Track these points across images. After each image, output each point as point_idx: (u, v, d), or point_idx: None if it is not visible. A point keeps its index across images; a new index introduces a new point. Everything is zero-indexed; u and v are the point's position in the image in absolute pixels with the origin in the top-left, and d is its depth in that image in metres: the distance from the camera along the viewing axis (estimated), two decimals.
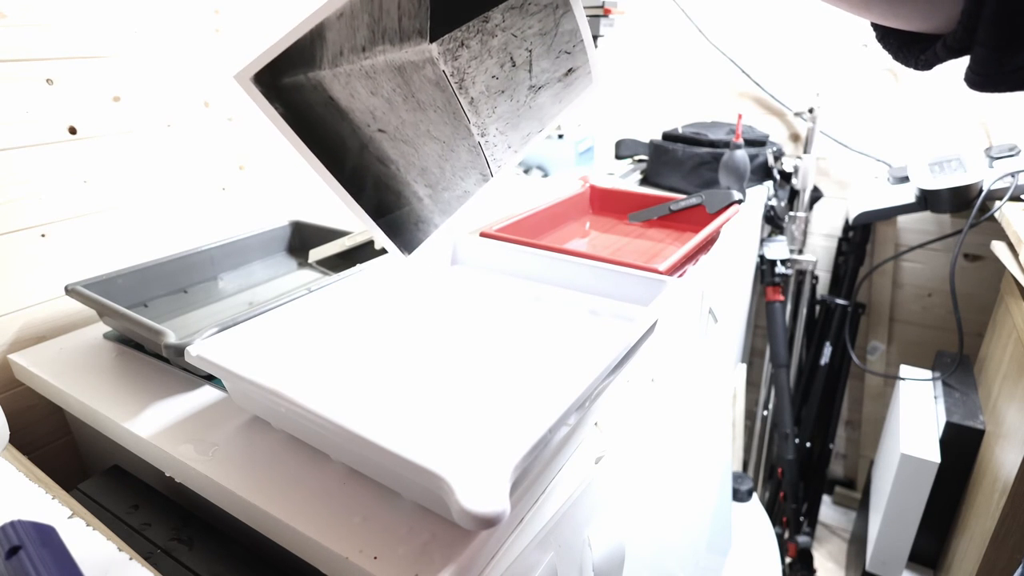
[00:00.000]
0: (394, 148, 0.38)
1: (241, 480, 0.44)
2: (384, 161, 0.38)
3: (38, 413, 0.67)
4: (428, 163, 0.40)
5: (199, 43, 0.77)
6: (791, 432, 1.46)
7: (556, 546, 0.46)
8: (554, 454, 0.47)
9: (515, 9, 0.37)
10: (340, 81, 0.35)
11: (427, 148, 0.40)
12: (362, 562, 0.37)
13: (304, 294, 0.60)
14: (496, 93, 0.40)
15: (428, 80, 0.37)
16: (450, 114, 0.39)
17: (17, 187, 0.64)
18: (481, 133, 0.41)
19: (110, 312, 0.59)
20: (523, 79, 0.40)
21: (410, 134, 0.38)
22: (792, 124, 1.57)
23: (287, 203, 0.92)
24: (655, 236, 0.95)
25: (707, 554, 0.93)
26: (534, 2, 0.38)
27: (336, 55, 0.35)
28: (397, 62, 0.36)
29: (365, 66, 0.35)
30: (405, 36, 0.35)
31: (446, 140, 0.40)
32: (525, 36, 0.38)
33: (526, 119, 0.42)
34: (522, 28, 0.38)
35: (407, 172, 0.40)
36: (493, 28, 0.37)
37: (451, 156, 0.41)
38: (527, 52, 0.39)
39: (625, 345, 0.50)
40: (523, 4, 0.37)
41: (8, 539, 0.35)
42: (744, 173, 1.09)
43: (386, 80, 0.36)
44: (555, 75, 0.41)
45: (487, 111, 0.40)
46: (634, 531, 0.61)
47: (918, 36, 0.33)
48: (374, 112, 0.37)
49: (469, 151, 0.41)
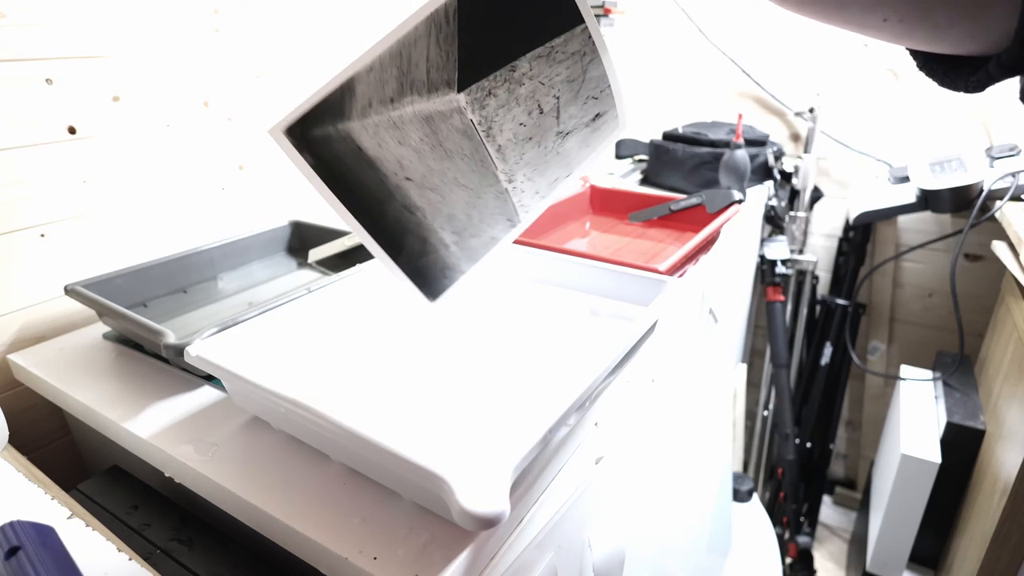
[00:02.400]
0: (421, 196, 0.39)
1: (241, 480, 0.44)
2: (411, 209, 0.39)
3: (37, 413, 0.67)
4: (455, 210, 0.40)
5: (199, 43, 0.77)
6: (791, 432, 1.46)
7: (556, 546, 0.46)
8: (554, 454, 0.47)
9: (542, 58, 0.38)
10: (368, 132, 0.36)
11: (454, 195, 0.40)
12: (362, 562, 0.37)
13: (304, 294, 0.60)
14: (524, 140, 0.40)
15: (456, 129, 0.38)
16: (477, 162, 0.39)
17: (17, 187, 0.64)
18: (509, 180, 0.41)
19: (110, 312, 0.59)
20: (551, 125, 0.40)
21: (437, 182, 0.39)
22: (792, 124, 1.57)
23: (287, 203, 0.92)
24: (655, 236, 0.95)
25: (707, 554, 0.93)
26: (561, 50, 0.38)
27: (365, 107, 0.36)
28: (425, 112, 0.37)
29: (393, 117, 0.36)
30: (433, 87, 0.36)
31: (473, 187, 0.40)
32: (553, 83, 0.39)
33: (554, 165, 0.42)
34: (549, 76, 0.39)
35: (433, 219, 0.40)
36: (520, 77, 0.38)
37: (478, 203, 0.41)
38: (555, 99, 0.40)
39: (625, 345, 0.50)
40: (550, 53, 0.38)
41: (8, 539, 0.35)
42: (744, 173, 1.09)
43: (414, 130, 0.37)
44: (583, 120, 0.41)
45: (515, 158, 0.40)
46: (634, 531, 0.61)
47: (965, 59, 0.31)
48: (402, 161, 0.37)
49: (496, 197, 0.41)
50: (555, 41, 0.38)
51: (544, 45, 0.38)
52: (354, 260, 0.73)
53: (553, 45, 0.38)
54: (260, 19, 0.83)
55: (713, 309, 0.93)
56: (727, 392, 1.31)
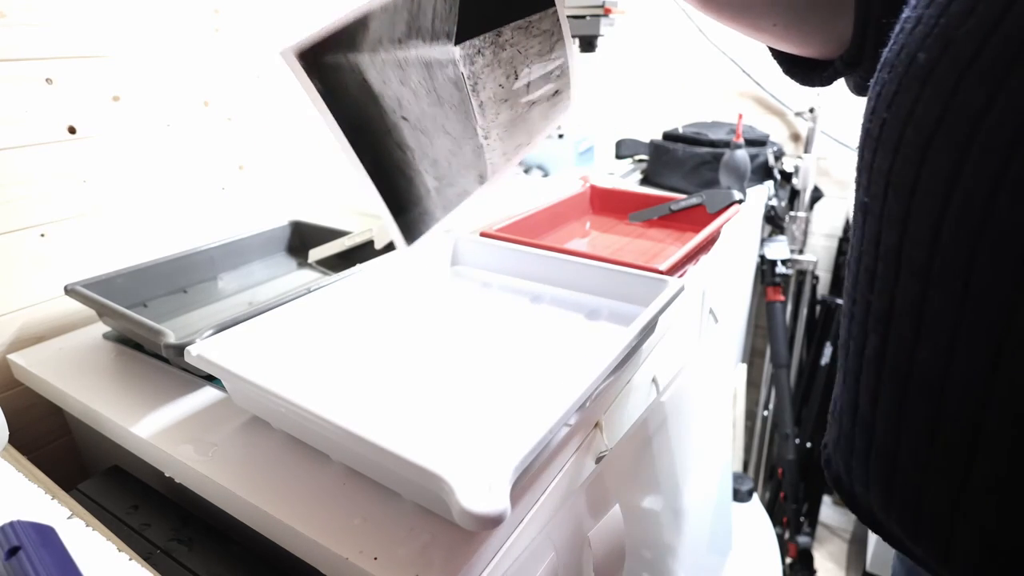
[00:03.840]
0: (413, 136, 0.41)
1: (241, 480, 0.44)
2: (403, 148, 0.40)
3: (37, 413, 0.67)
4: (439, 155, 0.42)
5: (199, 43, 0.77)
6: (791, 432, 1.46)
7: (556, 546, 0.46)
8: (554, 454, 0.47)
9: (522, 29, 0.43)
10: (376, 67, 0.38)
11: (440, 141, 0.42)
12: (362, 563, 0.37)
13: (304, 294, 0.60)
14: (500, 101, 0.44)
15: (449, 79, 0.41)
16: (463, 113, 0.42)
17: (17, 187, 0.64)
18: (485, 136, 0.44)
19: (110, 312, 0.59)
20: (522, 92, 0.45)
21: (428, 125, 0.41)
22: (793, 124, 1.57)
23: (287, 203, 0.92)
24: (655, 236, 0.95)
25: (707, 554, 0.93)
26: (536, 26, 0.43)
27: (376, 42, 0.37)
28: (426, 58, 0.39)
29: (399, 57, 0.38)
30: (436, 36, 0.39)
31: (456, 137, 0.43)
32: (528, 55, 0.44)
33: (521, 130, 0.46)
34: (526, 47, 0.43)
35: (420, 161, 0.42)
36: (504, 42, 0.42)
37: (459, 152, 0.43)
38: (528, 69, 0.44)
39: (625, 345, 0.50)
40: (528, 26, 0.43)
41: (8, 539, 0.35)
42: (744, 173, 1.09)
43: (415, 72, 0.39)
44: (546, 94, 0.47)
45: (492, 116, 0.44)
46: (634, 531, 0.61)
47: (818, 62, 0.42)
48: (401, 100, 0.39)
49: (474, 151, 0.44)
50: (532, 17, 0.43)
51: (524, 18, 0.43)
52: (354, 260, 0.73)
53: (531, 20, 0.43)
54: (260, 19, 0.83)
55: (713, 309, 0.93)
56: (727, 392, 1.31)
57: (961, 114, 0.21)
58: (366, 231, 0.78)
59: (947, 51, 0.22)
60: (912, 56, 0.24)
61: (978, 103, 0.21)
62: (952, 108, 0.22)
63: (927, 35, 0.23)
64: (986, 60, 0.21)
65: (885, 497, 0.29)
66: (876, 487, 0.29)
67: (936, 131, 0.22)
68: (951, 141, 0.22)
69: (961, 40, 0.21)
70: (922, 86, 0.23)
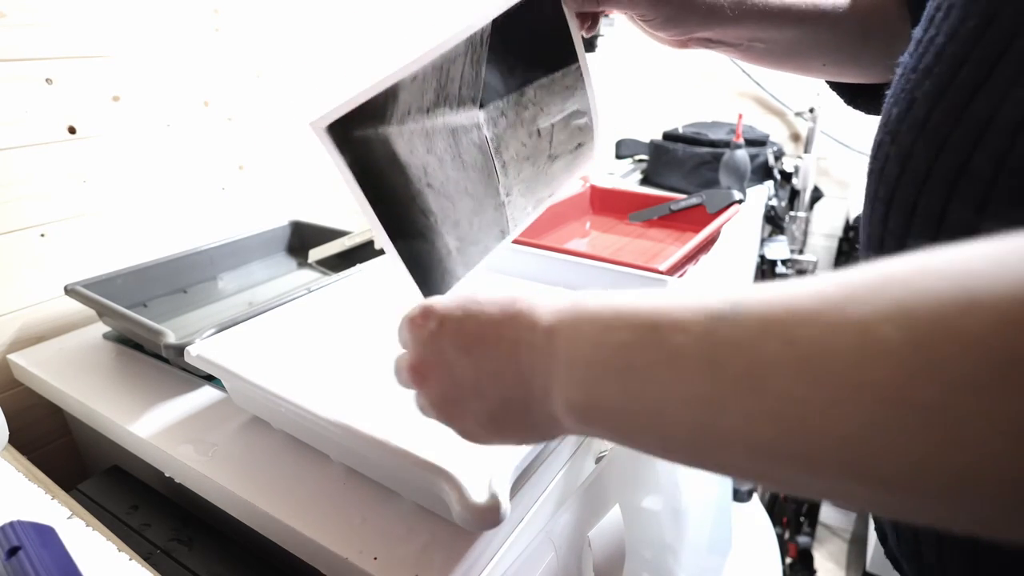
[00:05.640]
0: (436, 202, 0.41)
1: (241, 480, 0.44)
2: (426, 214, 0.41)
3: (37, 413, 0.67)
4: (461, 217, 0.43)
5: (199, 43, 0.77)
6: None
7: (556, 546, 0.46)
8: (554, 454, 0.47)
9: (544, 87, 0.44)
10: (404, 138, 0.39)
11: (462, 204, 0.43)
12: (362, 563, 0.37)
13: (304, 294, 0.60)
14: (523, 159, 0.45)
15: (473, 143, 0.42)
16: (485, 174, 0.43)
17: (17, 187, 0.64)
18: (507, 193, 0.45)
19: (110, 312, 0.59)
20: (544, 148, 0.46)
21: (452, 190, 0.42)
22: (792, 124, 1.57)
23: (287, 203, 0.92)
24: (655, 236, 0.95)
25: (707, 554, 0.93)
26: (559, 82, 0.45)
27: (404, 114, 0.38)
28: (452, 124, 0.41)
29: (427, 126, 0.39)
30: (462, 102, 0.41)
31: (479, 198, 0.44)
32: (550, 111, 0.45)
33: (542, 184, 0.47)
34: (548, 104, 0.45)
35: (443, 225, 0.42)
36: (526, 101, 0.44)
37: (480, 212, 0.44)
38: (550, 125, 0.46)
39: None
40: (551, 83, 0.45)
41: (8, 539, 0.35)
42: (744, 173, 1.09)
43: (440, 140, 0.40)
44: (568, 147, 0.48)
45: (514, 174, 0.45)
46: (634, 531, 0.61)
47: (865, 87, 0.45)
48: (427, 168, 0.40)
49: (495, 209, 0.45)
50: (555, 74, 0.45)
51: (547, 76, 0.44)
52: (354, 260, 0.73)
53: (554, 77, 0.45)
54: (260, 19, 0.83)
55: None
56: None
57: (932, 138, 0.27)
58: (366, 231, 0.78)
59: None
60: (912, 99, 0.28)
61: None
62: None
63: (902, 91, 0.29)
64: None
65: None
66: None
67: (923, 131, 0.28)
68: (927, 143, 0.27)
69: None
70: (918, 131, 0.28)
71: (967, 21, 0.25)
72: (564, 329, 0.24)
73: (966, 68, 0.25)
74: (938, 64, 0.26)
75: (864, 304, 0.15)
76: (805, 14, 0.42)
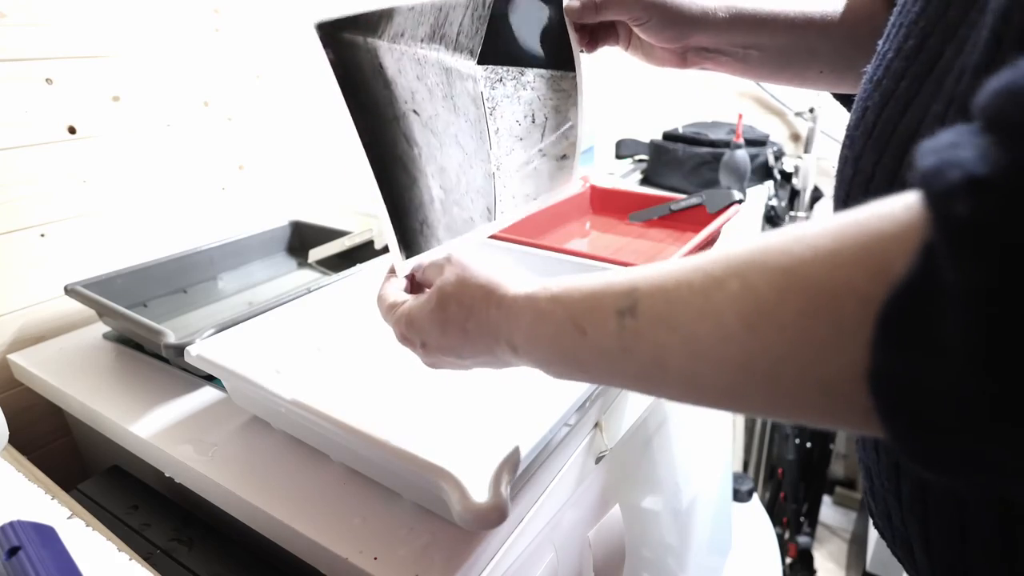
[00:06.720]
0: (422, 133, 0.41)
1: (241, 480, 0.44)
2: (410, 141, 0.40)
3: (37, 413, 0.67)
4: (448, 165, 0.42)
5: (199, 43, 0.77)
6: (791, 432, 1.46)
7: (556, 546, 0.46)
8: (554, 454, 0.47)
9: (544, 78, 0.45)
10: (393, 55, 0.39)
11: (451, 150, 0.42)
12: (362, 563, 0.37)
13: (304, 294, 0.60)
14: (515, 138, 0.45)
15: (467, 92, 0.42)
16: (477, 132, 0.43)
17: (17, 187, 0.64)
18: (497, 166, 0.45)
19: (110, 312, 0.59)
20: (537, 138, 0.47)
21: (440, 128, 0.42)
22: (793, 124, 1.57)
23: (287, 203, 0.92)
24: (655, 236, 0.95)
25: (707, 554, 0.93)
26: (559, 82, 0.46)
27: (397, 34, 0.39)
28: (446, 63, 0.41)
29: (419, 53, 0.40)
30: (459, 48, 0.41)
31: (469, 153, 0.43)
32: (547, 104, 0.46)
33: (530, 179, 0.47)
34: (546, 96, 0.46)
35: (427, 163, 0.41)
36: (526, 82, 0.44)
37: (469, 171, 0.44)
38: (544, 118, 0.46)
39: None
40: (551, 78, 0.45)
41: (8, 539, 0.35)
42: (745, 173, 1.09)
43: (433, 73, 0.40)
44: (556, 152, 0.48)
45: (506, 148, 0.45)
46: (634, 531, 0.61)
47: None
48: (415, 94, 0.40)
49: (485, 177, 0.45)
50: (556, 72, 0.45)
51: (548, 69, 0.45)
52: (354, 260, 0.73)
53: (554, 74, 0.45)
54: (260, 19, 0.83)
55: None
56: None
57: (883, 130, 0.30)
58: (366, 231, 0.78)
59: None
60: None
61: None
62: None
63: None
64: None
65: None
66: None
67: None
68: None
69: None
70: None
71: (908, 40, 0.28)
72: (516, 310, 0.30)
73: (903, 83, 0.28)
74: (886, 77, 0.30)
75: (723, 290, 0.21)
76: (794, 21, 0.44)
